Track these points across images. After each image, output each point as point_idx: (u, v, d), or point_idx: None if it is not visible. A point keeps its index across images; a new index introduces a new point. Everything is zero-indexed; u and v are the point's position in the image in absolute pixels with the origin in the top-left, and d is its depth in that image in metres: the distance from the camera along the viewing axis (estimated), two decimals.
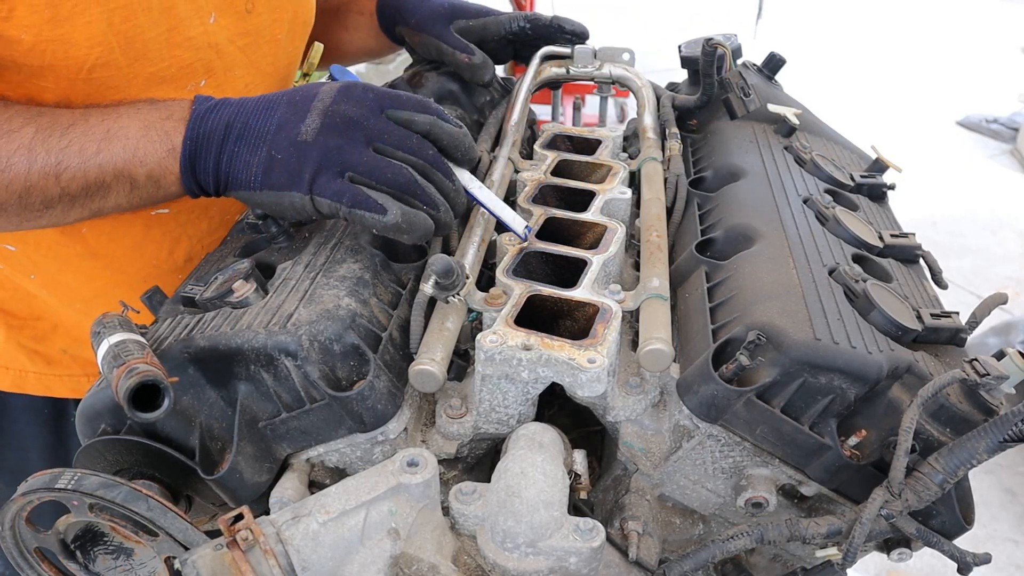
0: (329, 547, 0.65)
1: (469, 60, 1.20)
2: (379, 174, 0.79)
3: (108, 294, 1.09)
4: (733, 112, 1.18)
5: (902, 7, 8.72)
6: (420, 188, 0.81)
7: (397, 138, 0.82)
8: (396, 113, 0.83)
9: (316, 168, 0.79)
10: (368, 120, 0.81)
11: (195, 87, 0.99)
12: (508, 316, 0.80)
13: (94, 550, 0.71)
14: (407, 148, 0.82)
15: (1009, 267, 4.17)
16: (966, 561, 0.75)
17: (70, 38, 0.85)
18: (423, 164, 0.82)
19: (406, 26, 1.27)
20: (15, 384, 1.19)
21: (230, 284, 0.80)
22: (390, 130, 0.82)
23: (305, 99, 0.83)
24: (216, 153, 0.83)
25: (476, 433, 0.81)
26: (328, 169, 0.79)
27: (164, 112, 0.86)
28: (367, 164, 0.79)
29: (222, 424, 0.76)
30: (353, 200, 0.78)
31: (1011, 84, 6.51)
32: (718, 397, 0.73)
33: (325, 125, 0.81)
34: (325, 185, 0.79)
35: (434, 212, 0.81)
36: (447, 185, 0.84)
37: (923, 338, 0.82)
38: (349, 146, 0.80)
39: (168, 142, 0.84)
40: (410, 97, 0.85)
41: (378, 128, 0.81)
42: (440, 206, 0.82)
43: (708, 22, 6.42)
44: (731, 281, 0.84)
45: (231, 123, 0.83)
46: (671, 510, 0.85)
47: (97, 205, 0.86)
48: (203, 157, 0.83)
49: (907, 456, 0.70)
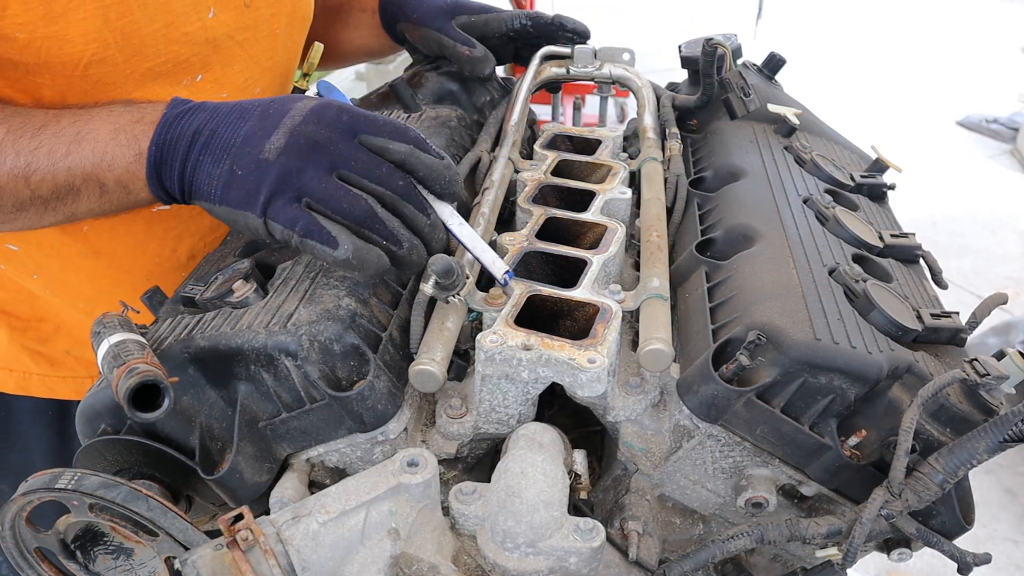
0: (329, 547, 0.65)
1: (470, 53, 1.20)
2: (335, 203, 0.74)
3: (111, 293, 1.09)
4: (733, 112, 1.18)
5: (902, 7, 8.72)
6: (379, 222, 0.75)
7: (364, 166, 0.76)
8: (370, 139, 0.77)
9: (272, 190, 0.74)
10: (336, 145, 0.76)
11: (191, 82, 0.99)
12: (508, 316, 0.80)
13: (94, 550, 0.71)
14: (373, 177, 0.76)
15: (1009, 267, 4.17)
16: (966, 561, 0.75)
17: (65, 35, 0.85)
18: (390, 196, 0.77)
19: (407, 21, 1.27)
20: (19, 386, 1.19)
21: (230, 284, 0.80)
22: (358, 157, 0.76)
23: (277, 113, 0.78)
24: (182, 160, 0.79)
25: (476, 433, 0.81)
26: (284, 193, 0.74)
27: (136, 115, 0.83)
28: (325, 191, 0.74)
29: (222, 424, 0.76)
30: (305, 229, 0.73)
31: (1011, 84, 6.51)
32: (718, 397, 0.73)
33: (289, 145, 0.75)
34: (280, 210, 0.74)
35: (395, 248, 0.76)
36: (419, 220, 0.78)
37: (923, 338, 0.82)
38: (310, 170, 0.75)
39: (136, 146, 0.81)
40: (388, 123, 0.79)
41: (345, 154, 0.76)
42: (404, 241, 0.76)
43: (708, 22, 6.42)
44: (731, 281, 0.84)
45: (200, 130, 0.79)
46: (671, 510, 0.85)
47: (70, 209, 0.84)
48: (169, 164, 0.80)
49: (907, 456, 0.70)
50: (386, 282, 0.85)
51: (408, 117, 1.16)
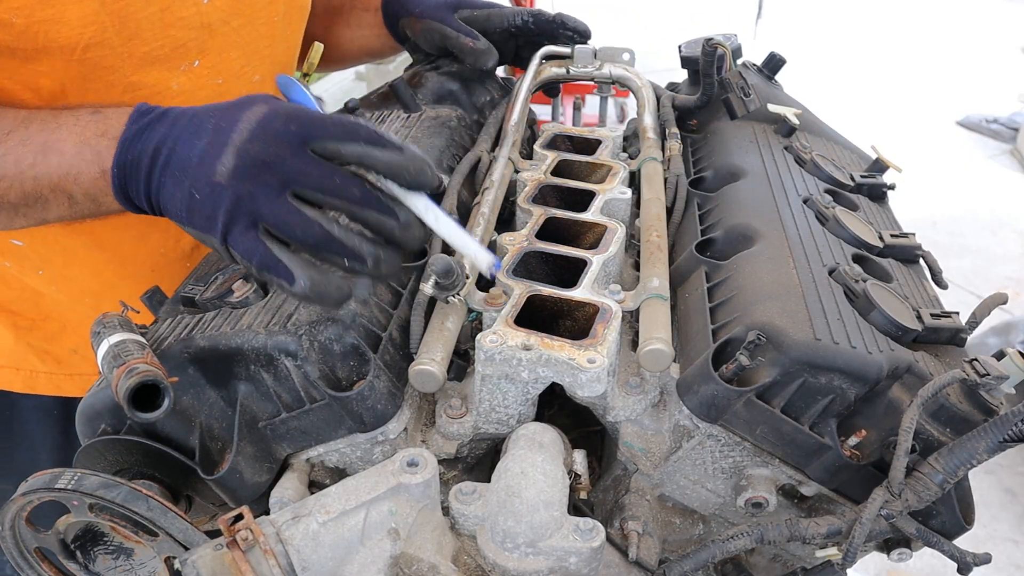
0: (329, 547, 0.65)
1: (473, 45, 1.20)
2: (289, 230, 0.70)
3: (116, 287, 1.10)
4: (733, 112, 1.18)
5: (902, 7, 8.72)
6: (337, 243, 0.70)
7: (316, 180, 0.71)
8: (321, 146, 0.72)
9: (228, 217, 0.71)
10: (285, 161, 0.71)
11: (188, 67, 1.00)
12: (508, 316, 0.80)
13: (94, 550, 0.71)
14: (328, 190, 0.71)
15: (1009, 267, 4.17)
16: (966, 561, 0.75)
17: (62, 17, 0.85)
18: (348, 207, 0.71)
19: (410, 16, 1.27)
20: (26, 385, 1.19)
21: (230, 284, 0.80)
22: (309, 171, 0.71)
23: (227, 127, 0.74)
24: (145, 182, 0.77)
25: (476, 433, 0.81)
26: (240, 219, 0.71)
27: (101, 127, 0.81)
28: (277, 217, 0.70)
29: (222, 424, 0.76)
30: (261, 263, 0.70)
31: (1011, 84, 6.50)
32: (718, 397, 0.73)
33: (237, 167, 0.71)
34: (238, 238, 0.71)
35: (359, 267, 0.71)
36: (387, 225, 0.72)
37: (923, 338, 0.82)
38: (262, 193, 0.70)
39: (100, 164, 0.79)
40: (338, 123, 0.73)
41: (295, 169, 0.71)
42: (367, 257, 0.71)
43: (708, 22, 6.42)
44: (731, 281, 0.84)
45: (159, 147, 0.76)
46: (671, 510, 0.85)
47: (40, 215, 0.84)
48: (133, 185, 0.78)
49: (907, 456, 0.70)
50: (386, 282, 0.85)
51: (408, 117, 1.16)
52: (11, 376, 1.19)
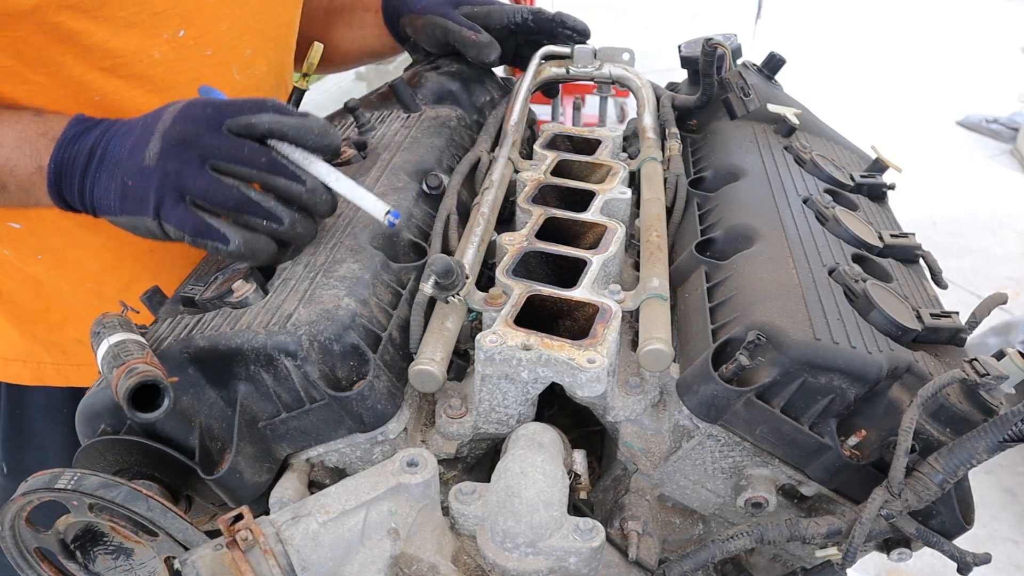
0: (329, 547, 0.65)
1: (476, 38, 1.20)
2: (211, 197, 0.78)
3: (115, 269, 1.10)
4: (733, 112, 1.18)
5: (902, 7, 8.72)
6: (254, 205, 0.78)
7: (228, 151, 0.79)
8: (234, 122, 0.80)
9: (159, 194, 0.79)
10: (203, 138, 0.79)
11: (173, 36, 1.00)
12: (508, 316, 0.80)
13: (94, 550, 0.71)
14: (239, 160, 0.79)
15: (1009, 267, 4.17)
16: (966, 561, 0.75)
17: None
18: (258, 174, 0.79)
19: (410, 13, 1.28)
20: (35, 377, 1.20)
21: (230, 284, 0.80)
22: (222, 144, 0.79)
23: (153, 121, 0.83)
24: (80, 179, 0.84)
25: (476, 433, 0.81)
26: (169, 195, 0.79)
27: (42, 127, 0.87)
28: (201, 187, 0.78)
29: (222, 424, 0.76)
30: (194, 230, 0.78)
31: (1011, 84, 6.50)
32: (718, 397, 0.73)
33: (163, 149, 0.80)
34: (170, 212, 0.79)
35: (277, 226, 0.80)
36: (294, 189, 0.80)
37: (923, 338, 0.82)
38: (187, 169, 0.79)
39: (37, 160, 0.86)
40: (248, 101, 0.82)
41: (212, 144, 0.79)
42: (284, 217, 0.80)
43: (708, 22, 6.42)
44: (731, 281, 0.84)
45: (94, 148, 0.84)
46: (671, 510, 0.85)
47: None
48: (68, 183, 0.84)
49: (907, 456, 0.70)
50: (386, 282, 0.85)
51: (408, 117, 1.16)
52: (19, 369, 1.19)
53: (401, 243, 0.91)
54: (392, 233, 0.90)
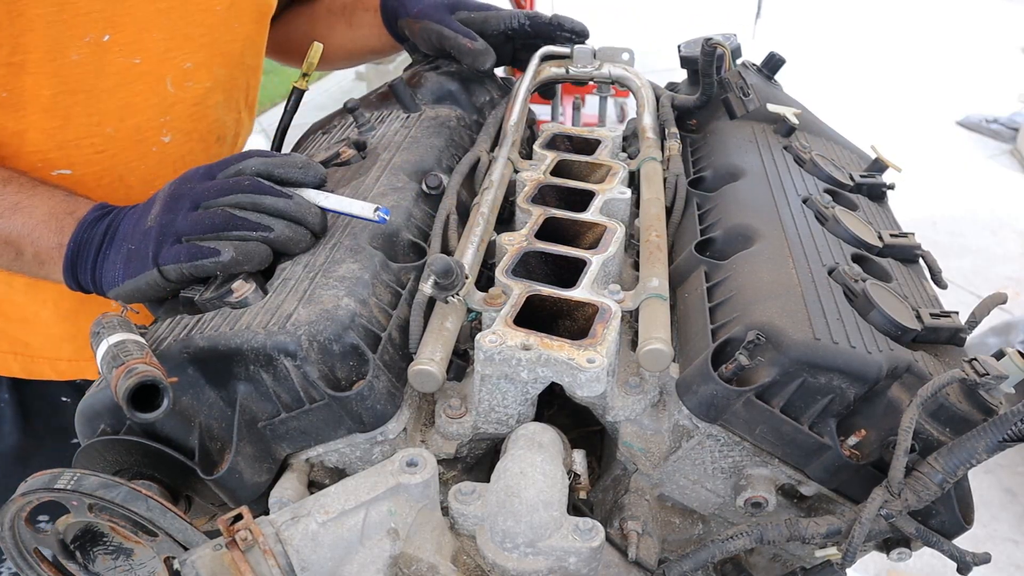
0: (328, 547, 0.65)
1: (471, 45, 1.19)
2: (201, 227, 0.82)
3: None
4: (732, 112, 1.18)
5: (902, 7, 8.72)
6: (240, 220, 0.82)
7: (217, 189, 0.84)
8: (226, 171, 0.86)
9: (157, 244, 0.83)
10: (195, 188, 0.85)
11: (96, 40, 0.99)
12: (507, 316, 0.80)
13: (94, 550, 0.71)
14: (225, 191, 0.84)
15: (1009, 267, 4.17)
16: (966, 561, 0.75)
17: None
18: (244, 198, 0.83)
19: (408, 16, 1.27)
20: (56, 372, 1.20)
21: (229, 284, 0.80)
22: (211, 186, 0.85)
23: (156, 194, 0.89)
24: (93, 258, 0.88)
25: (475, 433, 0.81)
26: (165, 241, 0.83)
27: (71, 207, 0.92)
28: (191, 222, 0.82)
29: (221, 424, 0.76)
30: (189, 255, 0.81)
31: (1011, 84, 6.50)
32: (717, 397, 0.73)
33: (162, 208, 0.85)
34: (166, 255, 0.82)
35: (267, 234, 0.82)
36: (281, 203, 0.84)
37: (923, 338, 0.82)
38: (180, 216, 0.83)
39: (60, 237, 0.90)
40: (237, 155, 0.88)
41: (202, 189, 0.85)
42: (273, 226, 0.83)
43: (708, 22, 6.42)
44: (730, 281, 0.84)
45: (108, 229, 0.89)
46: (671, 510, 0.85)
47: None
48: (82, 262, 0.89)
49: (907, 456, 0.70)
50: (385, 282, 0.85)
51: (407, 117, 1.16)
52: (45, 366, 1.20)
53: (401, 243, 0.91)
54: (391, 233, 0.90)
